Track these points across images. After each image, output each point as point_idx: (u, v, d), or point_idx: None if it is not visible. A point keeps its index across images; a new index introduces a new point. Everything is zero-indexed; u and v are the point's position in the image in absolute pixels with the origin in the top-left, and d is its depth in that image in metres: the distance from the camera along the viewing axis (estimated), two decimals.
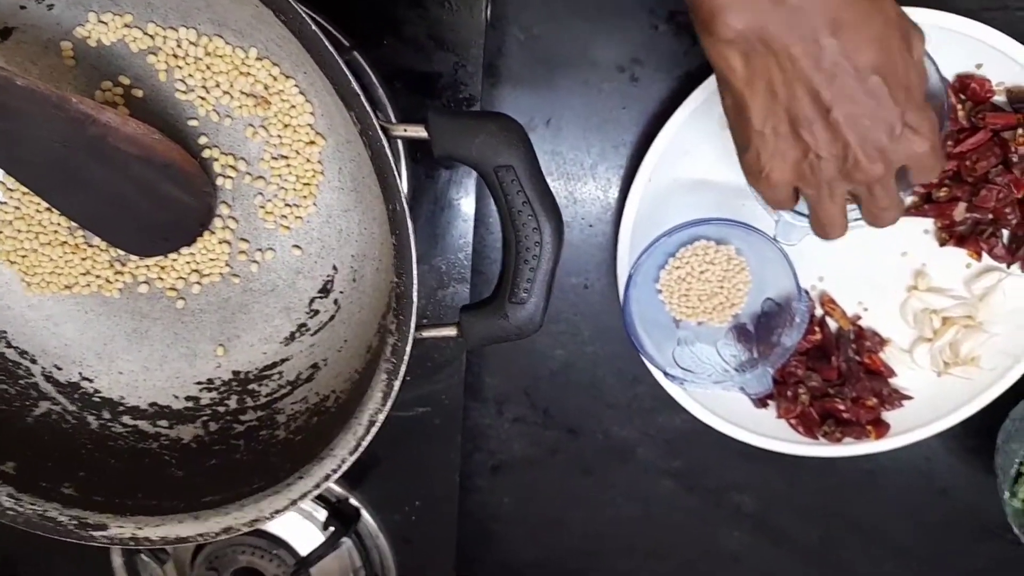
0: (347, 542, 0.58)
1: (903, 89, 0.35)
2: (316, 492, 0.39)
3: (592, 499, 0.69)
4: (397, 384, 0.36)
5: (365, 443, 0.38)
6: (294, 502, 0.40)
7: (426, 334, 0.36)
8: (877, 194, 0.39)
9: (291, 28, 0.31)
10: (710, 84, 0.53)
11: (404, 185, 0.33)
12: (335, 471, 0.39)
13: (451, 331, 0.36)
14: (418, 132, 0.33)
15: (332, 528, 0.57)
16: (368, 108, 0.31)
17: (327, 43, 0.30)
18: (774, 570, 0.71)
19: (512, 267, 0.33)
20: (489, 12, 0.47)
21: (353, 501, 0.59)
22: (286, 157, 0.44)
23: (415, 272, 0.34)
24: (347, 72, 0.31)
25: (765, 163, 0.38)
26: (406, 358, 0.36)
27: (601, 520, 0.70)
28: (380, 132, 0.31)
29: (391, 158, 0.32)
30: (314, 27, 0.30)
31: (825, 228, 0.42)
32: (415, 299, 0.34)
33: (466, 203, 0.52)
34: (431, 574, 0.65)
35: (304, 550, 0.60)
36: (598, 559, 0.72)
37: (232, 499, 0.42)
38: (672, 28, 0.55)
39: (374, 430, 0.38)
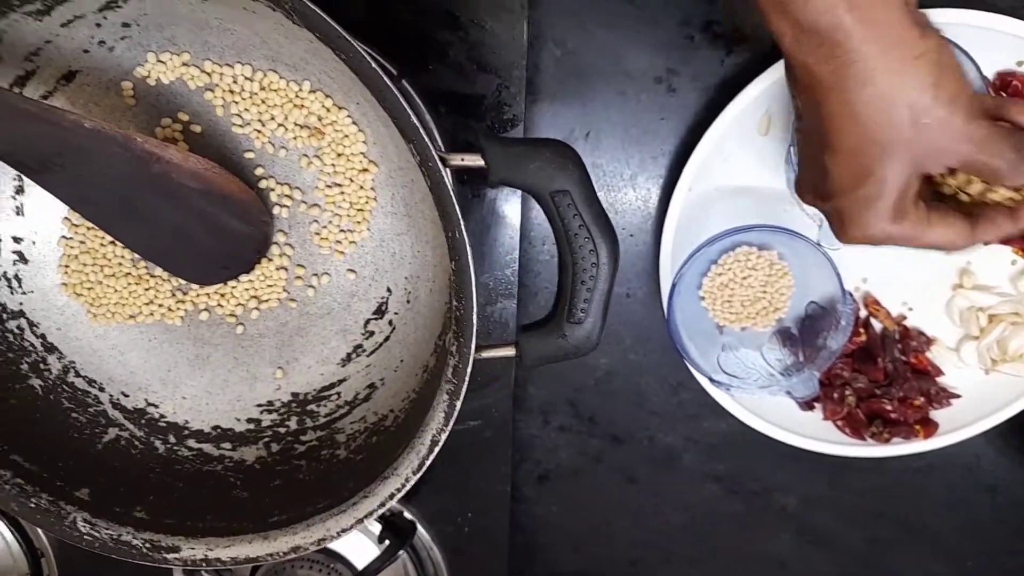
0: (403, 554, 0.59)
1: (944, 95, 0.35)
2: (381, 511, 0.40)
3: (638, 506, 0.70)
4: (458, 404, 0.37)
5: (428, 462, 0.39)
6: (360, 520, 0.41)
7: (485, 355, 0.37)
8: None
9: (351, 66, 0.32)
10: (748, 93, 0.53)
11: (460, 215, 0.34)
12: (399, 490, 0.40)
13: (510, 351, 0.37)
14: (475, 161, 0.34)
15: (387, 541, 0.58)
16: (427, 140, 0.32)
17: (387, 80, 0.31)
18: (821, 573, 0.71)
19: (569, 288, 0.34)
20: (528, 31, 0.48)
21: (407, 515, 0.60)
22: (340, 185, 0.45)
23: (475, 296, 0.35)
24: (407, 107, 0.32)
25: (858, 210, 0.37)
26: (467, 379, 0.37)
27: (647, 527, 0.71)
28: (439, 163, 0.32)
29: (451, 188, 0.33)
30: (373, 64, 0.31)
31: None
32: (475, 322, 0.35)
33: (511, 220, 0.53)
34: None
35: (360, 563, 0.61)
36: (644, 566, 0.72)
37: (298, 518, 0.43)
38: (708, 38, 0.56)
39: (436, 449, 0.39)
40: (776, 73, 0.53)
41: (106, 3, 0.39)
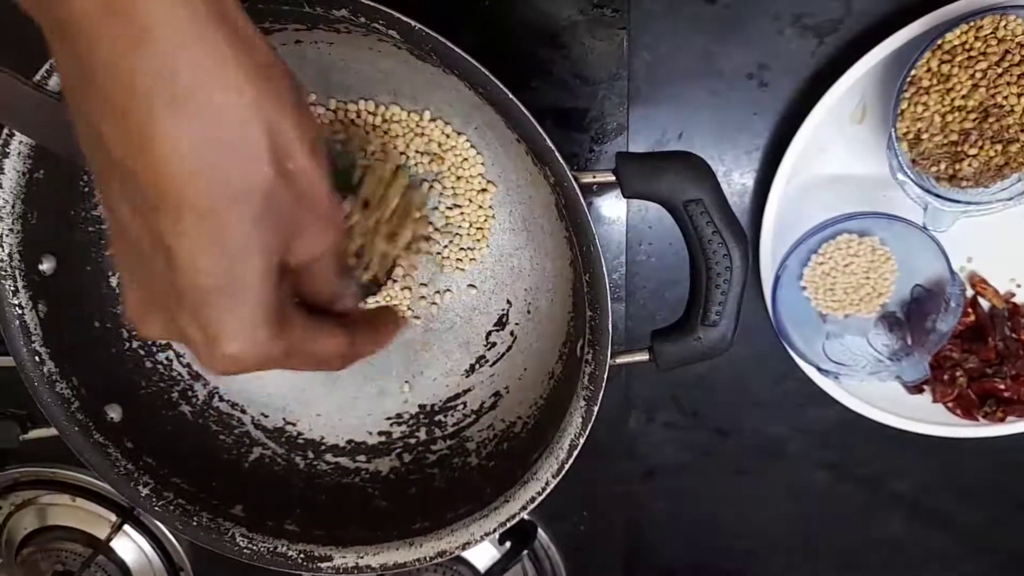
0: (523, 555, 0.61)
1: None
2: (523, 514, 0.42)
3: (747, 498, 0.70)
4: (596, 409, 0.39)
5: (568, 465, 0.41)
6: (503, 524, 0.43)
7: (620, 360, 0.39)
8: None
9: (488, 98, 0.34)
10: (843, 82, 0.54)
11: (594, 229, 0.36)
12: (540, 493, 0.42)
13: (644, 356, 0.39)
14: (607, 178, 0.35)
15: (509, 543, 0.60)
16: (562, 162, 0.34)
17: (522, 108, 0.33)
18: (937, 554, 0.71)
19: (703, 291, 0.35)
20: (627, 43, 0.49)
21: (526, 516, 0.62)
22: (460, 206, 0.47)
23: (609, 306, 0.36)
24: (543, 132, 0.33)
25: None
26: (604, 385, 0.38)
27: (757, 518, 0.71)
28: (575, 183, 0.34)
29: (584, 205, 0.34)
30: (511, 96, 0.33)
31: None
32: (610, 330, 0.37)
33: (617, 226, 0.54)
34: None
35: (480, 565, 0.64)
36: (756, 557, 0.73)
37: (441, 524, 0.45)
38: (798, 31, 0.56)
39: (576, 453, 0.40)
40: (870, 61, 0.53)
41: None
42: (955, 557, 0.70)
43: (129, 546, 0.68)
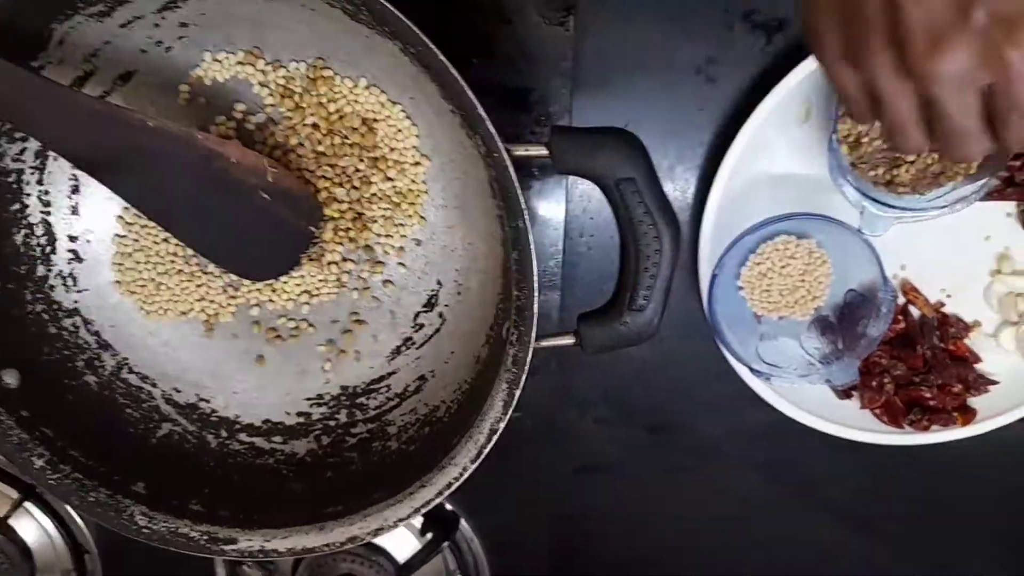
0: (444, 547, 0.60)
1: None
2: (439, 500, 0.41)
3: (678, 497, 0.70)
4: (518, 392, 0.38)
5: (487, 450, 0.39)
6: (418, 510, 0.41)
7: (545, 343, 0.38)
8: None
9: (420, 60, 0.32)
10: (788, 81, 0.53)
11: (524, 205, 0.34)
12: (457, 479, 0.40)
13: (569, 340, 0.38)
14: (539, 151, 0.34)
15: (430, 534, 0.59)
16: (494, 132, 0.32)
17: (453, 70, 0.32)
18: (864, 560, 0.71)
19: (632, 275, 0.34)
20: (574, 25, 0.48)
21: (449, 507, 0.60)
22: (392, 179, 0.45)
23: (536, 286, 0.35)
24: (474, 99, 0.32)
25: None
26: (527, 368, 0.37)
27: (688, 518, 0.71)
28: (505, 155, 0.33)
29: (515, 178, 0.33)
30: (442, 57, 0.32)
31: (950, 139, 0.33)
32: (536, 311, 0.36)
33: (556, 212, 0.53)
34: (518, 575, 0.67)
35: (401, 556, 0.62)
36: (685, 556, 0.73)
37: (355, 509, 0.43)
38: (747, 27, 0.56)
39: (495, 438, 0.39)
40: (816, 61, 0.53)
41: (165, 4, 0.40)
42: (880, 564, 0.71)
43: (31, 525, 0.64)
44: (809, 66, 0.53)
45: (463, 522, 0.63)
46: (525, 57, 0.48)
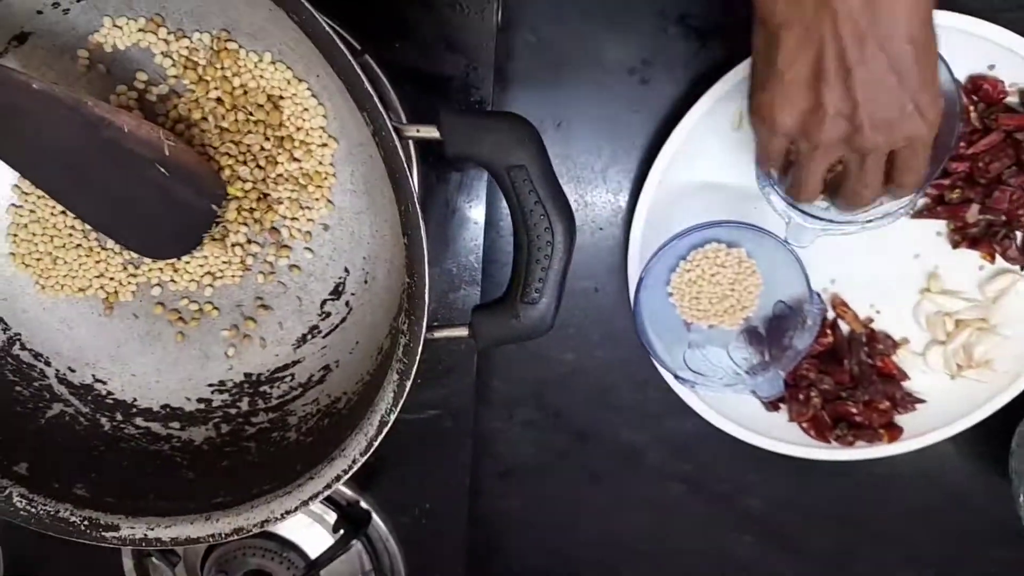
0: (357, 545, 0.58)
1: (926, 69, 0.36)
2: (327, 492, 0.39)
3: (601, 504, 0.69)
4: (408, 384, 0.36)
5: (376, 443, 0.38)
6: (305, 503, 0.40)
7: (438, 334, 0.36)
8: (868, 167, 0.40)
9: (304, 29, 0.31)
10: (720, 87, 0.53)
11: (416, 188, 0.33)
12: (346, 471, 0.39)
13: (463, 331, 0.36)
14: (430, 132, 0.33)
15: (342, 531, 0.57)
16: (381, 108, 0.31)
17: (339, 42, 0.31)
18: (781, 573, 0.71)
19: (524, 267, 0.33)
20: (500, 15, 0.47)
21: (363, 504, 0.59)
22: (298, 160, 0.44)
23: (427, 272, 0.34)
24: (359, 72, 0.31)
25: (776, 105, 0.38)
26: (418, 358, 0.36)
27: (610, 525, 0.70)
28: (393, 133, 0.32)
29: (403, 159, 0.32)
30: (326, 27, 0.30)
31: (803, 188, 0.43)
32: (427, 299, 0.34)
33: (476, 207, 0.52)
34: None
35: (314, 553, 0.60)
36: (606, 564, 0.72)
37: (243, 500, 0.42)
38: (682, 30, 0.55)
39: (385, 430, 0.38)
40: (747, 67, 0.52)
41: None
42: None
43: None
44: (742, 71, 0.52)
45: (379, 521, 0.61)
46: (446, 44, 0.47)
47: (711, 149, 0.56)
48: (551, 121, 0.57)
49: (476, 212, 0.52)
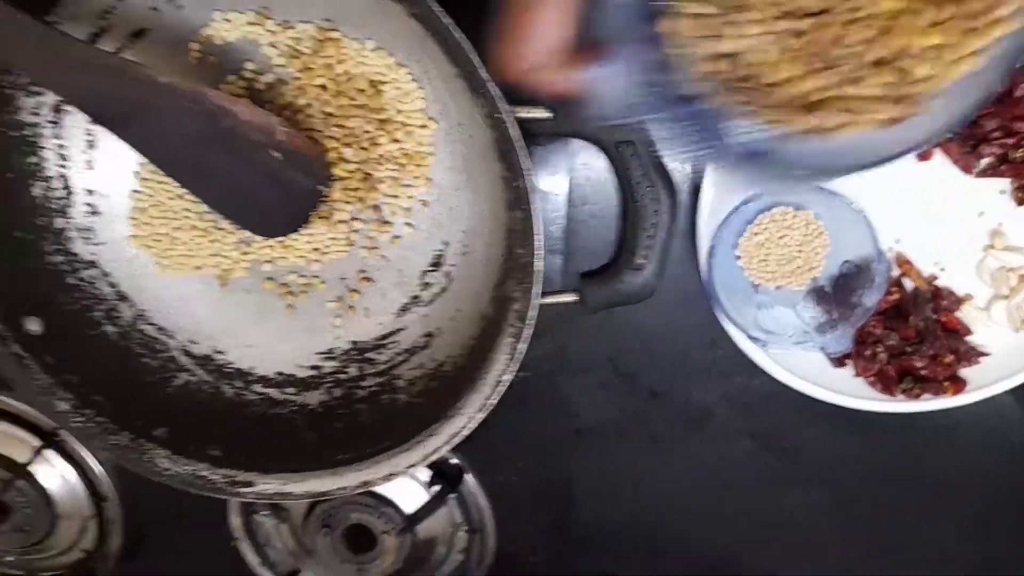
0: (450, 500, 0.62)
1: None
2: (447, 448, 0.43)
3: (671, 462, 0.72)
4: (521, 346, 0.40)
5: (492, 402, 0.41)
6: (427, 457, 0.43)
7: (548, 300, 0.39)
8: None
9: (422, 22, 0.34)
10: None
11: (528, 165, 0.36)
12: (464, 427, 0.42)
13: (572, 297, 0.40)
14: (541, 113, 0.36)
15: (436, 487, 0.61)
16: (498, 94, 0.34)
17: (457, 35, 0.33)
18: (845, 528, 0.74)
19: (630, 235, 0.36)
20: None
21: (455, 460, 0.62)
22: (399, 141, 0.47)
23: (539, 244, 0.37)
24: (477, 60, 0.33)
25: None
26: (529, 322, 0.39)
27: (679, 482, 0.73)
28: (507, 115, 0.34)
29: (516, 140, 0.35)
30: (445, 20, 0.33)
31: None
32: (540, 269, 0.37)
33: (559, 180, 0.54)
34: (525, 531, 0.69)
35: (408, 508, 0.64)
36: (674, 518, 0.75)
37: (363, 457, 0.45)
38: None
39: (501, 389, 0.41)
40: None
41: None
42: (863, 531, 0.73)
43: (51, 472, 0.67)
44: None
45: (469, 477, 0.65)
46: None
47: None
48: None
49: (559, 186, 0.55)
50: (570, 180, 0.57)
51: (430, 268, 0.50)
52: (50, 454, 0.65)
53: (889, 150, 0.28)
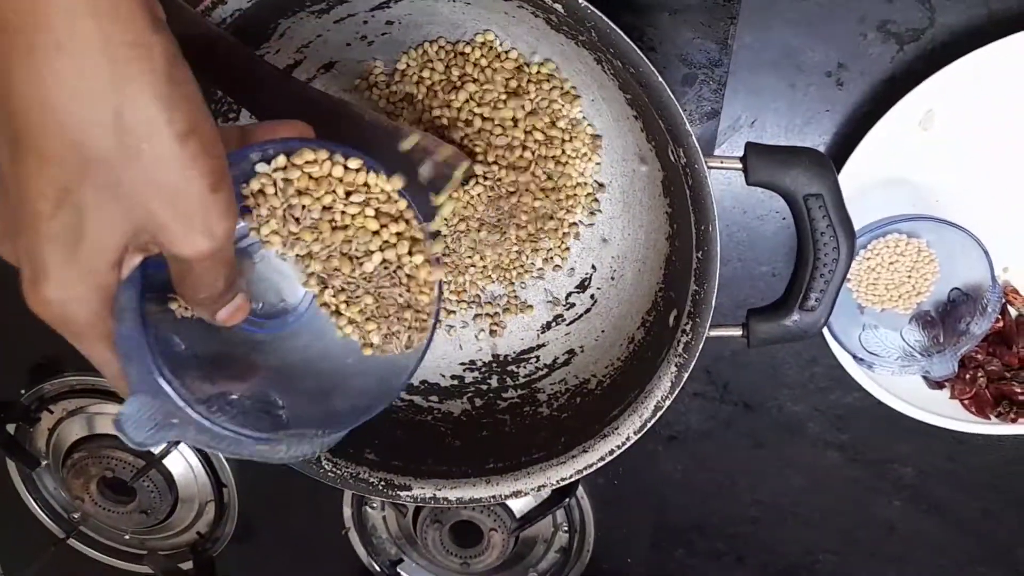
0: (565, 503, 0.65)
1: None
2: (599, 465, 0.46)
3: (759, 470, 0.75)
4: (686, 375, 0.42)
5: (649, 425, 0.44)
6: (580, 472, 0.46)
7: (714, 333, 0.42)
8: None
9: (637, 78, 0.36)
10: (920, 90, 0.56)
11: (715, 211, 0.38)
12: (620, 447, 0.45)
13: (737, 331, 0.42)
14: (733, 165, 0.38)
15: (549, 491, 0.64)
16: (697, 146, 0.36)
17: (668, 90, 0.36)
18: (929, 539, 0.76)
19: (807, 278, 0.39)
20: (734, 33, 0.51)
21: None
22: (562, 166, 0.49)
23: (716, 283, 0.39)
24: (682, 114, 0.36)
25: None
26: (698, 354, 0.41)
27: (767, 489, 0.76)
28: (704, 166, 0.37)
29: (711, 188, 0.37)
30: (658, 77, 0.35)
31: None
32: (712, 306, 0.40)
33: None
34: (620, 533, 0.72)
35: (516, 509, 0.68)
36: (761, 524, 0.78)
37: (515, 467, 0.48)
38: (881, 35, 0.59)
39: (659, 414, 0.44)
40: (949, 73, 0.56)
41: (378, 3, 0.44)
42: (945, 543, 0.76)
43: (179, 460, 0.70)
44: (942, 78, 0.56)
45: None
46: (683, 61, 0.52)
47: (899, 146, 0.60)
48: (747, 119, 0.62)
49: None
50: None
51: (575, 290, 0.53)
52: (182, 445, 0.69)
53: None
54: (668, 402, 0.43)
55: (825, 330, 0.62)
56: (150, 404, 0.27)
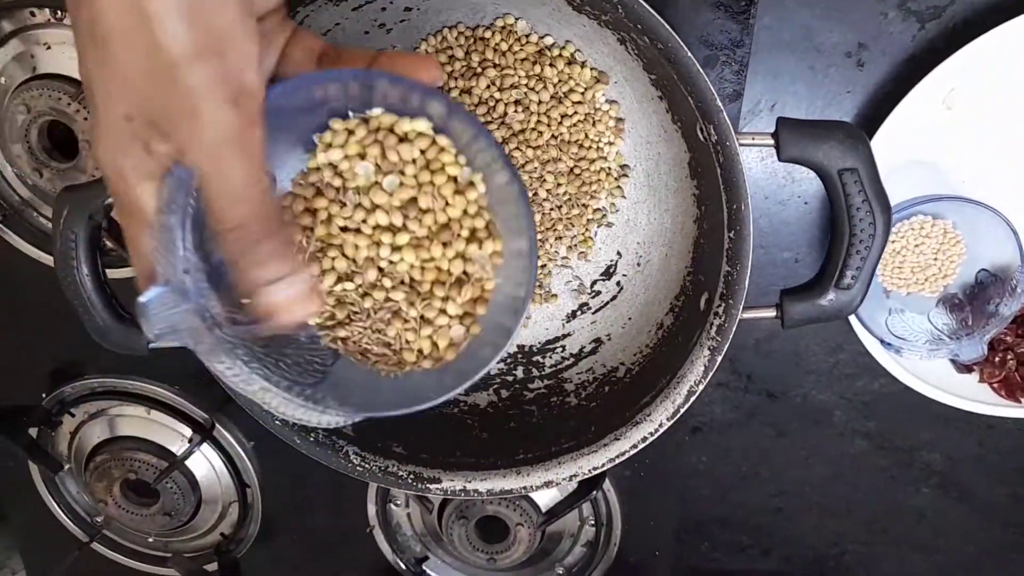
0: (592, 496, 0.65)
1: None
2: (633, 452, 0.45)
3: (785, 459, 0.74)
4: (719, 359, 0.41)
5: (683, 411, 0.43)
6: (612, 460, 0.45)
7: (748, 315, 0.41)
8: None
9: (666, 56, 0.35)
10: (943, 69, 0.56)
11: (748, 189, 0.38)
12: (653, 434, 0.44)
13: (771, 312, 0.41)
14: (765, 140, 0.38)
15: (576, 484, 0.63)
16: (728, 123, 0.36)
17: (697, 64, 0.35)
18: (958, 526, 0.75)
19: (842, 256, 0.38)
20: (755, 13, 0.51)
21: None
22: (586, 152, 0.49)
23: (750, 263, 0.39)
24: (712, 89, 0.35)
25: None
26: (731, 337, 0.41)
27: (793, 479, 0.75)
28: (735, 143, 0.36)
29: (742, 166, 0.37)
30: (689, 54, 0.35)
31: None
32: (746, 286, 0.39)
33: None
34: (647, 525, 0.72)
35: (541, 503, 0.67)
36: (787, 514, 0.77)
37: (545, 457, 0.48)
38: (901, 14, 0.58)
39: (692, 399, 0.43)
40: (972, 51, 0.55)
41: None
42: (974, 531, 0.75)
43: (202, 461, 0.70)
44: (965, 56, 0.55)
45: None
46: (704, 43, 0.51)
47: (922, 128, 0.59)
48: (766, 103, 0.61)
49: None
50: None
51: (601, 277, 0.52)
52: (204, 446, 0.68)
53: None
54: (701, 387, 0.43)
55: (857, 317, 0.61)
56: (172, 300, 0.26)
